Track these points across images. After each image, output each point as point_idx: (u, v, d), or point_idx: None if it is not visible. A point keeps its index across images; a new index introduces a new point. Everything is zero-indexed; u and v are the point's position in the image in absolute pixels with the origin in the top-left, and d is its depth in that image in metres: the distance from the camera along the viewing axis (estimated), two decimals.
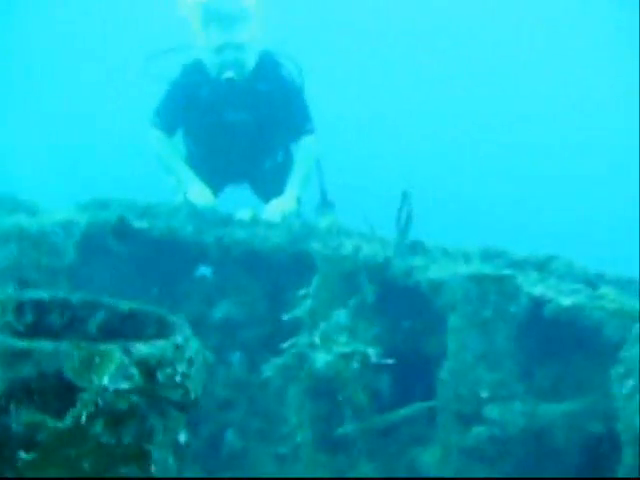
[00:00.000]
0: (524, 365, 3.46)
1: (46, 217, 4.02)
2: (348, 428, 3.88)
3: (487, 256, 3.98)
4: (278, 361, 4.07)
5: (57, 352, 1.30)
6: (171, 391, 1.39)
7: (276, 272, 4.60)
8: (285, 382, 4.15)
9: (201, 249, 4.69)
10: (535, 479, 3.23)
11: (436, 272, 3.78)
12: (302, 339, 3.98)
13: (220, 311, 4.75)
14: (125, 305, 1.70)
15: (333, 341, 3.86)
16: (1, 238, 3.23)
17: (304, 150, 5.64)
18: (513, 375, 3.39)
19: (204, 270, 4.94)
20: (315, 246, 4.27)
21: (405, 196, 4.09)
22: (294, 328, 4.21)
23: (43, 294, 1.68)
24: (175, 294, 4.84)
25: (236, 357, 4.84)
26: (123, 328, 1.71)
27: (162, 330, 1.64)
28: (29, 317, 1.65)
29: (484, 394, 3.35)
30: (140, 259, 4.75)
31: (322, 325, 3.94)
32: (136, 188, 5.20)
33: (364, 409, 3.88)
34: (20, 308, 1.65)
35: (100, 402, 1.28)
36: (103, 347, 1.34)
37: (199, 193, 5.24)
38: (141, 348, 1.37)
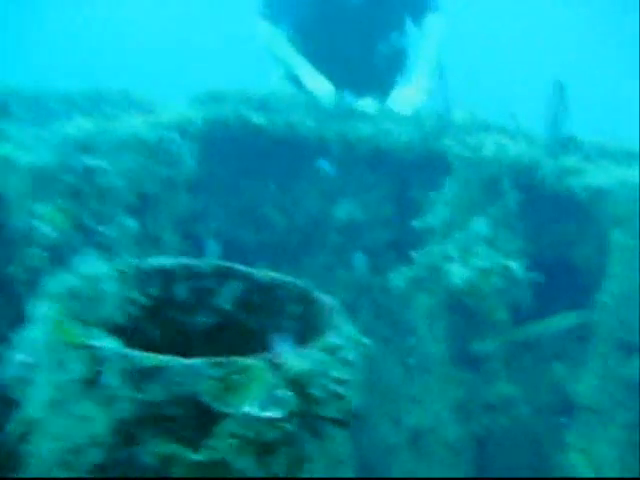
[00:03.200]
0: None
1: (162, 116, 3.67)
2: (487, 344, 3.50)
3: None
4: (407, 272, 3.68)
5: (191, 371, 0.94)
6: (328, 406, 1.02)
7: (404, 171, 4.11)
8: (414, 291, 3.78)
9: (322, 145, 4.25)
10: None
11: (596, 177, 3.19)
12: (435, 249, 3.55)
13: (342, 210, 4.37)
14: (263, 275, 1.31)
15: (471, 253, 3.40)
16: (117, 146, 2.91)
17: (430, 31, 4.91)
18: None
19: (324, 165, 4.51)
20: (451, 144, 3.73)
21: (558, 86, 3.44)
22: (423, 233, 3.78)
23: (169, 262, 1.32)
24: (294, 191, 4.49)
25: (358, 259, 4.49)
26: (261, 303, 1.33)
27: (308, 309, 1.26)
28: (154, 289, 1.31)
29: None
30: (258, 155, 4.37)
31: (458, 235, 3.47)
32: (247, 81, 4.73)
33: (504, 325, 3.48)
34: (143, 279, 1.30)
35: (247, 432, 0.93)
36: (247, 362, 0.97)
37: (318, 83, 4.71)
38: (294, 363, 0.99)
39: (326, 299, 1.26)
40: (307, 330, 1.25)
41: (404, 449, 3.86)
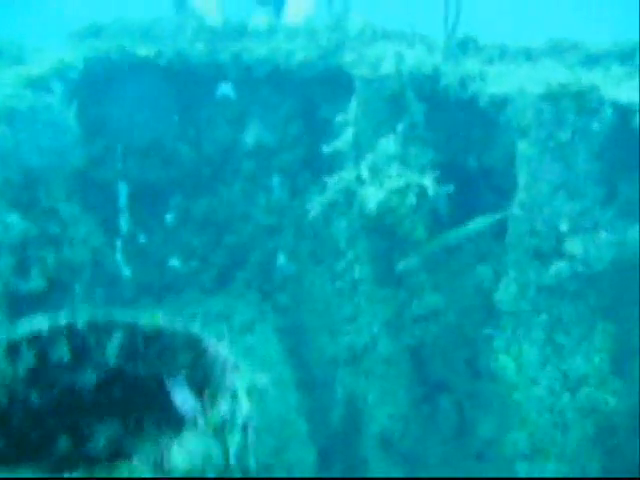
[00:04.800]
0: (608, 186, 2.93)
1: (35, 68, 3.35)
2: (409, 261, 3.53)
3: (555, 51, 3.24)
4: (323, 199, 3.61)
5: None
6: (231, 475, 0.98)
7: (307, 89, 3.94)
8: (332, 217, 3.74)
9: (218, 69, 4.02)
10: None
11: (497, 83, 3.11)
12: (347, 173, 3.47)
13: (251, 136, 4.21)
14: (147, 323, 1.22)
15: (383, 174, 3.34)
16: None
17: None
18: (597, 201, 2.88)
19: (225, 89, 4.29)
20: (349, 59, 3.56)
21: None
22: (335, 151, 3.68)
23: (42, 325, 1.21)
24: (198, 120, 4.29)
25: (275, 182, 4.40)
26: (148, 352, 1.25)
27: (200, 358, 1.18)
28: (29, 357, 1.20)
29: (564, 227, 2.88)
30: (153, 88, 4.11)
31: (368, 156, 3.39)
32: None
33: (424, 241, 3.49)
34: (15, 350, 1.19)
35: None
36: (126, 468, 0.90)
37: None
38: (179, 459, 0.93)
39: (216, 347, 1.18)
40: (200, 379, 1.19)
41: (343, 365, 3.95)
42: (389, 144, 3.31)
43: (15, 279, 2.33)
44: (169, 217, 4.47)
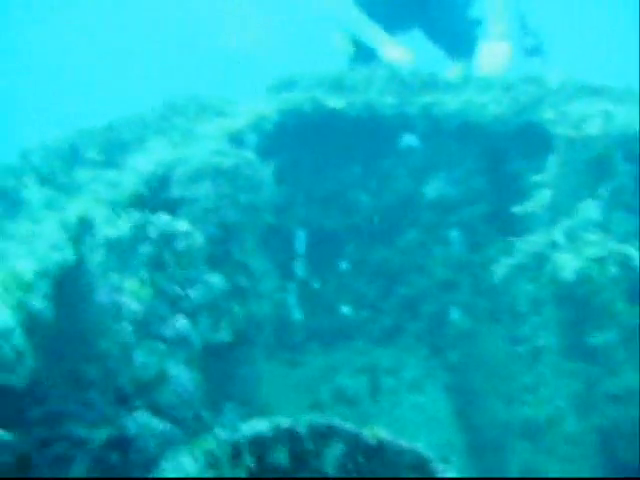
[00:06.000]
0: None
1: (236, 121, 3.46)
2: (606, 334, 3.22)
3: None
4: (510, 260, 3.40)
5: None
6: None
7: (497, 143, 3.78)
8: (517, 280, 3.51)
9: (405, 121, 3.97)
10: None
11: None
12: (540, 236, 3.24)
13: (433, 189, 4.11)
14: (370, 435, 1.12)
15: (582, 240, 3.08)
16: (193, 177, 2.75)
17: None
18: None
19: (410, 141, 4.22)
20: (548, 116, 3.36)
21: None
22: (525, 218, 3.48)
23: (263, 426, 1.16)
24: (380, 171, 4.25)
25: (455, 235, 4.26)
26: (368, 467, 1.15)
27: None
28: (250, 460, 1.15)
29: None
30: (340, 138, 4.14)
31: (566, 220, 3.15)
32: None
33: (623, 313, 3.17)
34: (236, 453, 1.14)
35: None
36: None
37: (395, 50, 4.36)
38: None
39: (445, 472, 1.05)
40: None
41: (519, 437, 3.69)
42: (591, 208, 3.06)
43: (209, 332, 2.37)
44: (344, 264, 4.46)
